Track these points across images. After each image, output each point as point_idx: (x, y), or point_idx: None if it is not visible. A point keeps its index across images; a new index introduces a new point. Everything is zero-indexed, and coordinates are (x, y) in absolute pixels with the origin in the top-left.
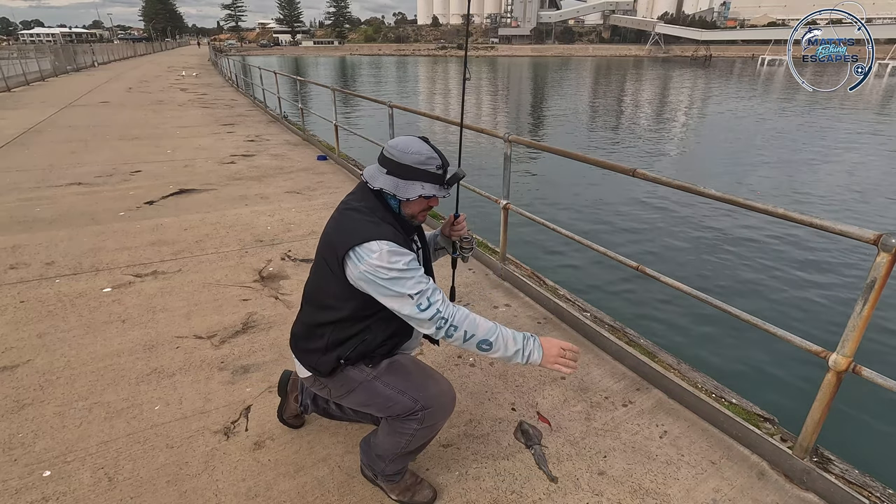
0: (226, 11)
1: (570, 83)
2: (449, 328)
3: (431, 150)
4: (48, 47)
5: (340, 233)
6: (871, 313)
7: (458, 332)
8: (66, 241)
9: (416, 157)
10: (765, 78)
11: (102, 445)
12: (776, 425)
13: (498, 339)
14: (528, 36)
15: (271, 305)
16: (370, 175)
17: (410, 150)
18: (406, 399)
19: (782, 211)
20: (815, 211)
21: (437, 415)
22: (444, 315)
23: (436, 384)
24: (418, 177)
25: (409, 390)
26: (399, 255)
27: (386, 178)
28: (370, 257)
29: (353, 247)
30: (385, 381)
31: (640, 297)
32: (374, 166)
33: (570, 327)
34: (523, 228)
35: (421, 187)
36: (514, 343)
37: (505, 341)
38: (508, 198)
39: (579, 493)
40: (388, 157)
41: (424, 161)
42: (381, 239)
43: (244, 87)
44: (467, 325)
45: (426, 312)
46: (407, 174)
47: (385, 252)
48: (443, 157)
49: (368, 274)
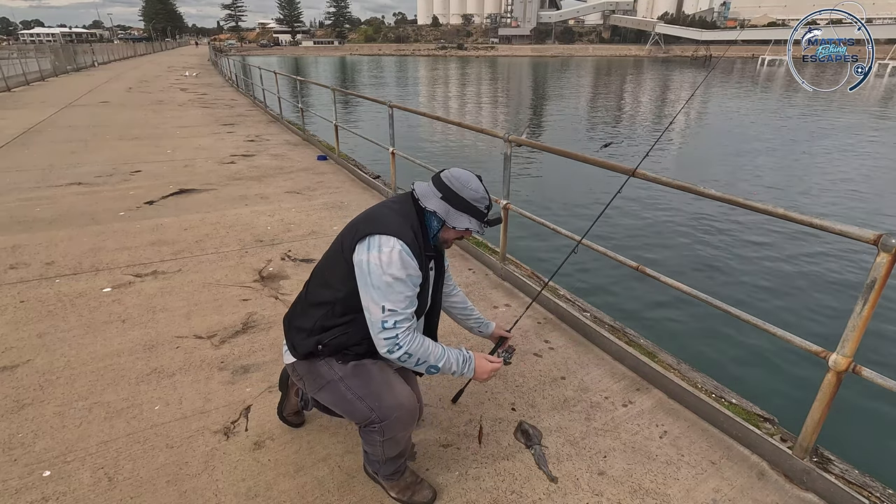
0: (226, 11)
1: (570, 83)
2: (403, 354)
3: (486, 191)
4: (48, 47)
5: (367, 220)
6: (871, 313)
7: (412, 360)
8: (66, 241)
9: (473, 193)
10: (765, 78)
11: (102, 445)
12: (776, 425)
13: (444, 364)
14: (528, 36)
15: (271, 305)
16: (422, 193)
17: (470, 186)
18: (363, 407)
19: (782, 211)
20: (815, 211)
21: (395, 427)
22: (400, 343)
23: (393, 395)
24: (469, 211)
25: (366, 398)
26: (404, 263)
27: (439, 203)
28: (381, 251)
29: (372, 233)
30: (347, 384)
31: (640, 297)
32: (427, 186)
33: (570, 327)
34: (523, 228)
35: (468, 221)
36: (455, 367)
37: (449, 366)
38: (508, 198)
39: (579, 493)
40: (446, 185)
41: (479, 199)
42: (400, 238)
43: (244, 87)
44: (421, 353)
45: (385, 332)
46: (460, 206)
47: (396, 251)
48: (489, 195)
49: (370, 263)
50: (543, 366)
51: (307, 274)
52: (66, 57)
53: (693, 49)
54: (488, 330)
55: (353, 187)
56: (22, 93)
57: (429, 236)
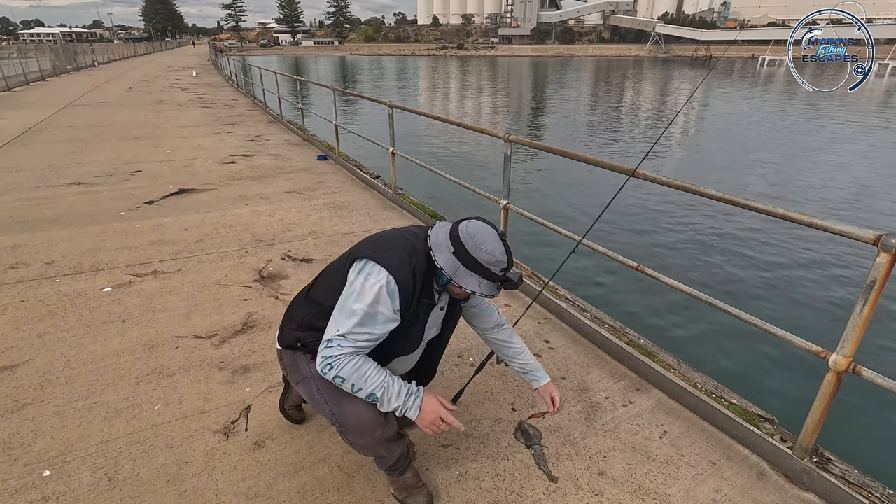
0: (226, 11)
1: (571, 83)
2: (335, 377)
3: (503, 254)
4: (48, 47)
5: (376, 242)
6: (871, 313)
7: (346, 384)
8: (66, 240)
9: (487, 256)
10: (765, 78)
11: (102, 445)
12: (776, 425)
13: (384, 394)
14: (529, 36)
15: (271, 305)
16: (436, 243)
17: (484, 248)
18: (327, 410)
19: (782, 211)
20: (815, 211)
21: (354, 434)
22: (333, 365)
23: (353, 403)
24: (480, 272)
25: (330, 402)
26: (380, 300)
27: (449, 258)
28: (367, 280)
29: (371, 258)
30: (317, 385)
31: (640, 297)
32: (443, 234)
33: (570, 327)
34: (523, 228)
35: (477, 283)
36: (397, 399)
37: (389, 397)
38: (508, 198)
39: (579, 493)
40: (460, 241)
41: (492, 262)
42: (394, 276)
43: (244, 87)
44: (356, 378)
45: (326, 350)
46: (470, 265)
47: (379, 287)
48: (510, 260)
49: (352, 285)
50: (543, 365)
51: (307, 274)
52: (67, 57)
53: (693, 49)
54: (536, 382)
55: (353, 187)
56: (22, 93)
57: (436, 281)
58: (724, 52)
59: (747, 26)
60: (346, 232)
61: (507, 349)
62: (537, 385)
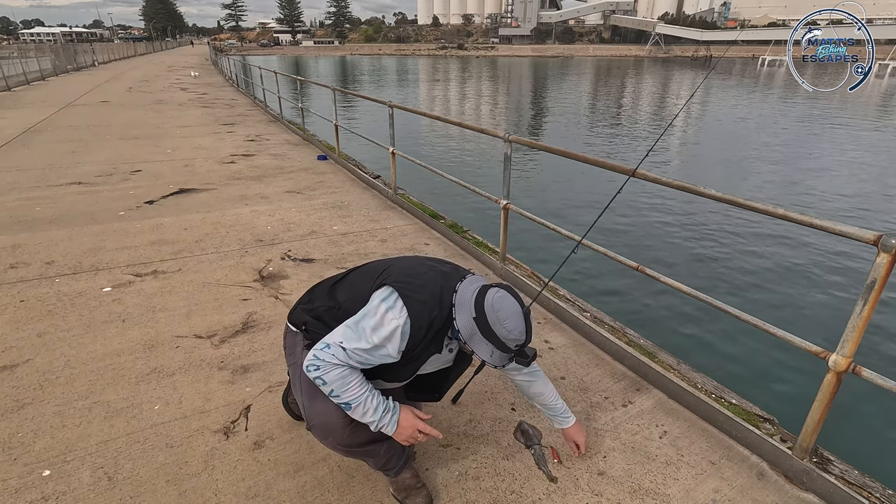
0: (226, 11)
1: (571, 83)
2: (317, 378)
3: (522, 333)
4: (48, 47)
5: (410, 277)
6: (871, 314)
7: (325, 388)
8: (66, 240)
9: (505, 332)
10: (765, 78)
11: (102, 445)
12: (776, 426)
13: (359, 407)
14: (529, 36)
15: (271, 305)
16: (461, 302)
17: (505, 324)
18: (300, 400)
19: (782, 211)
20: (816, 211)
21: (318, 433)
22: (319, 366)
23: (323, 402)
24: (494, 342)
25: (304, 393)
26: (391, 339)
27: (468, 322)
28: (387, 314)
29: (401, 294)
30: (301, 375)
31: (640, 297)
32: (471, 294)
33: (570, 327)
34: (523, 228)
35: (490, 353)
36: (372, 414)
37: (365, 411)
38: (508, 198)
39: (579, 493)
40: (483, 309)
41: (510, 340)
42: (411, 321)
43: (244, 87)
44: (337, 386)
45: (318, 352)
46: (487, 335)
47: (394, 326)
48: (528, 338)
49: (372, 310)
50: (543, 366)
51: (307, 274)
52: (67, 56)
53: (693, 49)
54: (560, 423)
55: (353, 187)
56: (22, 92)
57: (451, 332)
58: (725, 53)
59: (747, 26)
60: (346, 232)
61: (527, 388)
62: (560, 426)
